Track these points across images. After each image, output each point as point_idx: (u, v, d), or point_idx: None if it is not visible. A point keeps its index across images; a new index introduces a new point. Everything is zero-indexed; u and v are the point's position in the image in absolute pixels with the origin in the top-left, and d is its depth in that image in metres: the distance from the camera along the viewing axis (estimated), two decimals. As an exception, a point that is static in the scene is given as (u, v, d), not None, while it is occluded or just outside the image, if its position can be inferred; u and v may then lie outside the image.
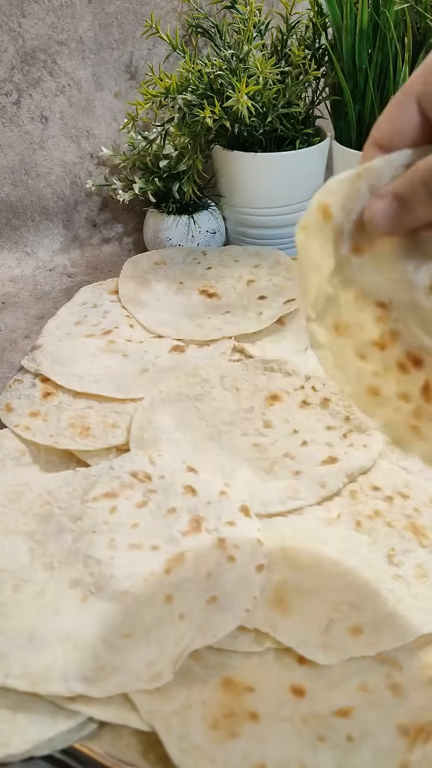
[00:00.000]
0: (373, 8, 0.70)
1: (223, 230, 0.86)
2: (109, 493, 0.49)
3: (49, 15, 0.78)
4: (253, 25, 0.74)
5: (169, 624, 0.40)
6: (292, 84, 0.74)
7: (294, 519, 0.48)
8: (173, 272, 0.77)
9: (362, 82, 0.73)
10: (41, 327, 0.71)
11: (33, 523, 0.48)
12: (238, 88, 0.68)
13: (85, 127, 0.86)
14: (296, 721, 0.37)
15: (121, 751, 0.37)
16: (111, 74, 0.85)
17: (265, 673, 0.40)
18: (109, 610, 0.41)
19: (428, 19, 0.69)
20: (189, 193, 0.79)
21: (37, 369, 0.62)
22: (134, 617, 0.41)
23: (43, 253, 0.89)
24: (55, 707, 0.37)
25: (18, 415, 0.57)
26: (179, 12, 0.84)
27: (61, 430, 0.56)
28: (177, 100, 0.71)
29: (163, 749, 0.36)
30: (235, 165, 0.79)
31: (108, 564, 0.44)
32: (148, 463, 0.51)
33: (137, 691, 0.38)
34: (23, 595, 0.42)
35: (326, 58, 0.77)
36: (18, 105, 0.81)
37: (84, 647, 0.39)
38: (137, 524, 0.47)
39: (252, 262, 0.78)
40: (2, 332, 0.75)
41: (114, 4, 0.81)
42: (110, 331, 0.67)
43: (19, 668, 0.38)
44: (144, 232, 0.87)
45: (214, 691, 0.38)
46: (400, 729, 0.36)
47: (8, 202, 0.85)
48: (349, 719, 0.37)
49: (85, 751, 0.37)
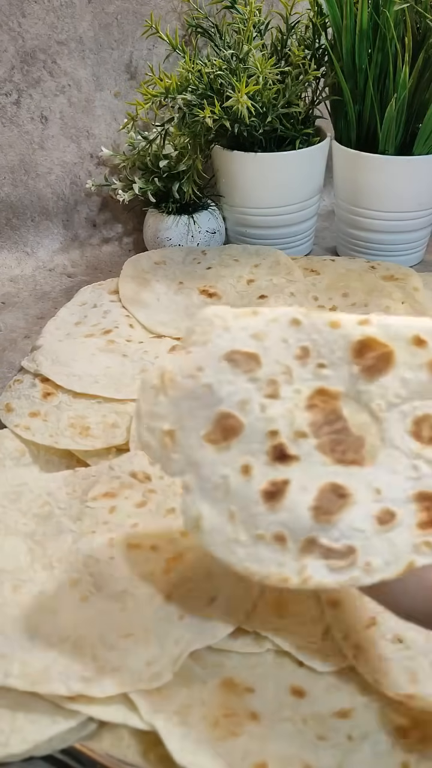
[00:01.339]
0: (373, 8, 0.70)
1: (223, 230, 0.86)
2: (109, 493, 0.49)
3: (49, 15, 0.78)
4: (253, 25, 0.74)
5: (169, 624, 0.40)
6: (292, 84, 0.74)
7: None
8: (173, 272, 0.77)
9: (362, 82, 0.73)
10: (41, 327, 0.71)
11: (33, 523, 0.48)
12: (238, 88, 0.68)
13: (85, 127, 0.86)
14: (297, 721, 0.37)
15: (121, 751, 0.37)
16: (111, 74, 0.85)
17: (264, 673, 0.40)
18: (109, 610, 0.41)
19: (428, 19, 0.69)
20: (189, 193, 0.79)
21: (37, 369, 0.62)
22: (134, 617, 0.41)
23: (43, 253, 0.89)
24: (55, 707, 0.37)
25: (18, 415, 0.57)
26: (179, 12, 0.84)
27: (61, 430, 0.56)
28: (177, 100, 0.71)
29: (164, 749, 0.35)
30: (235, 165, 0.79)
31: (108, 564, 0.44)
32: (148, 463, 0.51)
33: (137, 691, 0.38)
34: (23, 595, 0.42)
35: (326, 58, 0.77)
36: (18, 105, 0.81)
37: (84, 647, 0.39)
38: (137, 524, 0.47)
39: (252, 262, 0.78)
40: (2, 332, 0.75)
41: (114, 4, 0.81)
42: (110, 331, 0.67)
43: (19, 668, 0.38)
44: (144, 232, 0.87)
45: (214, 691, 0.38)
46: (399, 730, 0.36)
47: (8, 202, 0.85)
48: (349, 720, 0.37)
49: (85, 751, 0.37)
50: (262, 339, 0.33)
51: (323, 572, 0.29)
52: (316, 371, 0.32)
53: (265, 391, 0.32)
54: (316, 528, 0.30)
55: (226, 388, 0.32)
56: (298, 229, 0.84)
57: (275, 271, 0.76)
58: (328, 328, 0.33)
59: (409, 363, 0.32)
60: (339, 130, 0.79)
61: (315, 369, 0.33)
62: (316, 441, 0.31)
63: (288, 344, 0.33)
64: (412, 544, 0.29)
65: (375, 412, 0.32)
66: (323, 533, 0.30)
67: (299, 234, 0.85)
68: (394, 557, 0.29)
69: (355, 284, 0.74)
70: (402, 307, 0.70)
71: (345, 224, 0.83)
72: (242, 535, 0.31)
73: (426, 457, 0.31)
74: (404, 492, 0.30)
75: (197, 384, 0.32)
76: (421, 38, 0.71)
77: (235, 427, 0.32)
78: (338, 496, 0.30)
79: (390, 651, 0.39)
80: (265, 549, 0.30)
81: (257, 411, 0.32)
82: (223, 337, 0.33)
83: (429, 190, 0.76)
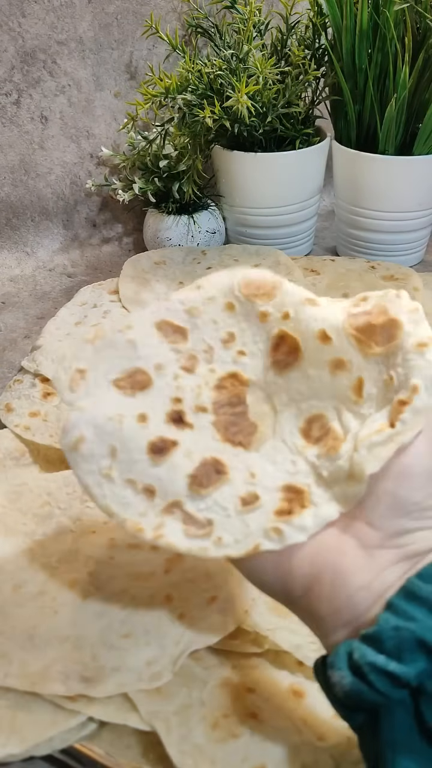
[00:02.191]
0: (373, 8, 0.70)
1: (223, 230, 0.86)
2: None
3: (49, 15, 0.78)
4: (253, 25, 0.74)
5: (169, 624, 0.40)
6: (292, 84, 0.74)
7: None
8: (173, 272, 0.77)
9: (362, 82, 0.73)
10: (41, 327, 0.71)
11: (33, 523, 0.48)
12: (238, 88, 0.68)
13: (85, 127, 0.86)
14: (296, 721, 0.37)
15: (121, 751, 0.37)
16: (111, 74, 0.85)
17: (264, 674, 0.40)
18: (109, 610, 0.41)
19: (428, 19, 0.69)
20: (189, 193, 0.79)
21: (37, 369, 0.62)
22: (134, 617, 0.41)
23: (43, 253, 0.89)
24: (55, 707, 0.37)
25: (18, 415, 0.57)
26: (179, 12, 0.84)
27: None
28: (177, 100, 0.71)
29: (163, 749, 0.36)
30: (235, 165, 0.79)
31: (108, 564, 0.44)
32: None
33: (137, 691, 0.38)
34: (23, 595, 0.42)
35: (326, 58, 0.77)
36: (18, 105, 0.81)
37: (84, 647, 0.39)
38: (137, 524, 0.47)
39: (251, 262, 0.78)
40: (2, 332, 0.75)
41: (114, 4, 0.81)
42: (110, 331, 0.67)
43: (18, 668, 0.38)
44: (144, 232, 0.87)
45: (214, 692, 0.38)
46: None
47: (8, 202, 0.85)
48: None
49: (85, 751, 0.37)
50: (195, 316, 0.35)
51: (178, 535, 0.31)
52: (236, 357, 0.34)
53: (182, 364, 0.34)
54: (187, 495, 0.31)
55: (147, 350, 0.34)
56: (298, 229, 0.84)
57: (275, 271, 0.75)
58: (257, 319, 0.34)
59: (313, 360, 0.33)
60: (339, 130, 0.79)
61: (235, 355, 0.34)
62: (213, 417, 0.33)
63: (217, 326, 0.35)
64: (263, 529, 0.30)
65: (275, 405, 0.34)
66: (191, 501, 0.31)
67: (299, 234, 0.85)
68: (243, 537, 0.30)
69: (355, 284, 0.74)
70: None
71: (345, 224, 0.83)
72: (115, 473, 0.31)
73: (306, 455, 0.32)
74: (275, 482, 0.32)
75: (122, 338, 0.34)
76: (421, 38, 0.71)
77: (145, 382, 0.33)
78: (216, 472, 0.31)
79: None
80: (132, 495, 0.31)
81: (169, 377, 0.34)
82: (160, 306, 0.35)
83: (429, 190, 0.76)
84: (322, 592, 0.29)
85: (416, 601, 0.27)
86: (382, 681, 0.26)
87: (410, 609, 0.27)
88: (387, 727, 0.27)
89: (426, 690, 0.26)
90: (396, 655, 0.26)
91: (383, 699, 0.26)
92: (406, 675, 0.26)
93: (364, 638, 0.27)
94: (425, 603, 0.27)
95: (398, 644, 0.26)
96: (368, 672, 0.26)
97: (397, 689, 0.26)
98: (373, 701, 0.27)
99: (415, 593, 0.27)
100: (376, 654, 0.26)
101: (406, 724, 0.26)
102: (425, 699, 0.26)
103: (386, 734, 0.27)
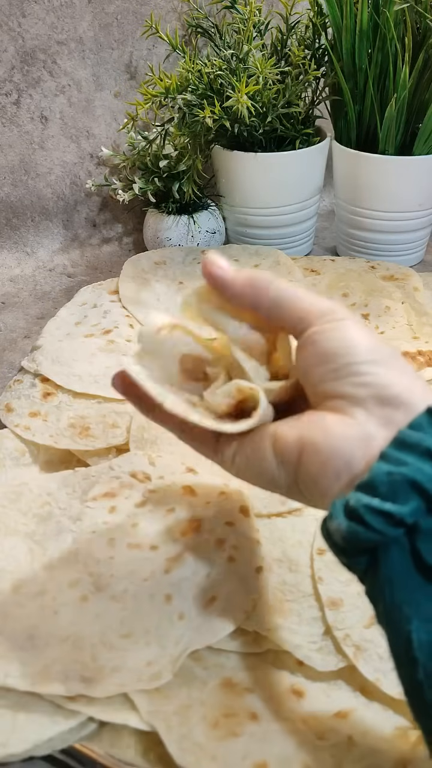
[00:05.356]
0: (373, 8, 0.70)
1: (223, 230, 0.86)
2: (109, 493, 0.49)
3: (49, 15, 0.78)
4: (253, 25, 0.74)
5: (169, 624, 0.40)
6: (292, 84, 0.74)
7: (293, 520, 0.48)
8: (173, 272, 0.77)
9: (362, 82, 0.73)
10: (41, 327, 0.71)
11: (33, 523, 0.48)
12: (238, 88, 0.68)
13: (85, 127, 0.86)
14: (296, 721, 0.37)
15: (121, 751, 0.37)
16: (111, 74, 0.85)
17: (264, 674, 0.40)
18: (109, 610, 0.41)
19: (428, 19, 0.69)
20: (189, 193, 0.79)
21: (37, 369, 0.62)
22: (134, 617, 0.41)
23: (43, 253, 0.89)
24: (55, 707, 0.37)
25: (18, 415, 0.57)
26: (179, 12, 0.84)
27: (61, 430, 0.56)
28: (177, 100, 0.71)
29: (164, 749, 0.36)
30: (235, 165, 0.79)
31: (108, 564, 0.44)
32: (148, 463, 0.51)
33: (137, 691, 0.38)
34: (23, 595, 0.42)
35: (326, 58, 0.77)
36: (18, 105, 0.81)
37: (84, 647, 0.39)
38: (137, 524, 0.47)
39: (251, 262, 0.78)
40: (2, 332, 0.75)
41: (114, 4, 0.81)
42: (110, 331, 0.67)
43: (18, 668, 0.38)
44: (144, 232, 0.87)
45: (214, 692, 0.38)
46: (399, 729, 0.36)
47: (8, 202, 0.85)
48: (349, 720, 0.37)
49: (85, 751, 0.37)
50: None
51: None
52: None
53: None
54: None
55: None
56: (298, 229, 0.84)
57: (275, 271, 0.76)
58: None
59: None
60: (339, 130, 0.79)
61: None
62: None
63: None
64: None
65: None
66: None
67: (299, 234, 0.85)
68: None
69: (355, 284, 0.74)
70: (402, 307, 0.70)
71: (345, 224, 0.83)
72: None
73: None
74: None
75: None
76: (421, 38, 0.71)
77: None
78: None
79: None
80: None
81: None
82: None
83: (429, 190, 0.76)
84: (315, 451, 0.30)
85: (407, 448, 0.28)
86: (378, 520, 0.27)
87: (402, 455, 0.28)
88: (385, 565, 0.28)
89: (421, 527, 0.27)
90: (390, 497, 0.27)
91: (380, 537, 0.27)
92: (401, 512, 0.27)
93: (359, 487, 0.28)
94: (415, 449, 0.28)
95: (391, 487, 0.27)
96: (364, 513, 0.27)
97: (392, 528, 0.27)
98: (370, 540, 0.28)
99: (405, 441, 0.28)
100: (371, 498, 0.27)
101: (403, 561, 0.27)
102: (421, 536, 0.27)
103: (384, 571, 0.28)
